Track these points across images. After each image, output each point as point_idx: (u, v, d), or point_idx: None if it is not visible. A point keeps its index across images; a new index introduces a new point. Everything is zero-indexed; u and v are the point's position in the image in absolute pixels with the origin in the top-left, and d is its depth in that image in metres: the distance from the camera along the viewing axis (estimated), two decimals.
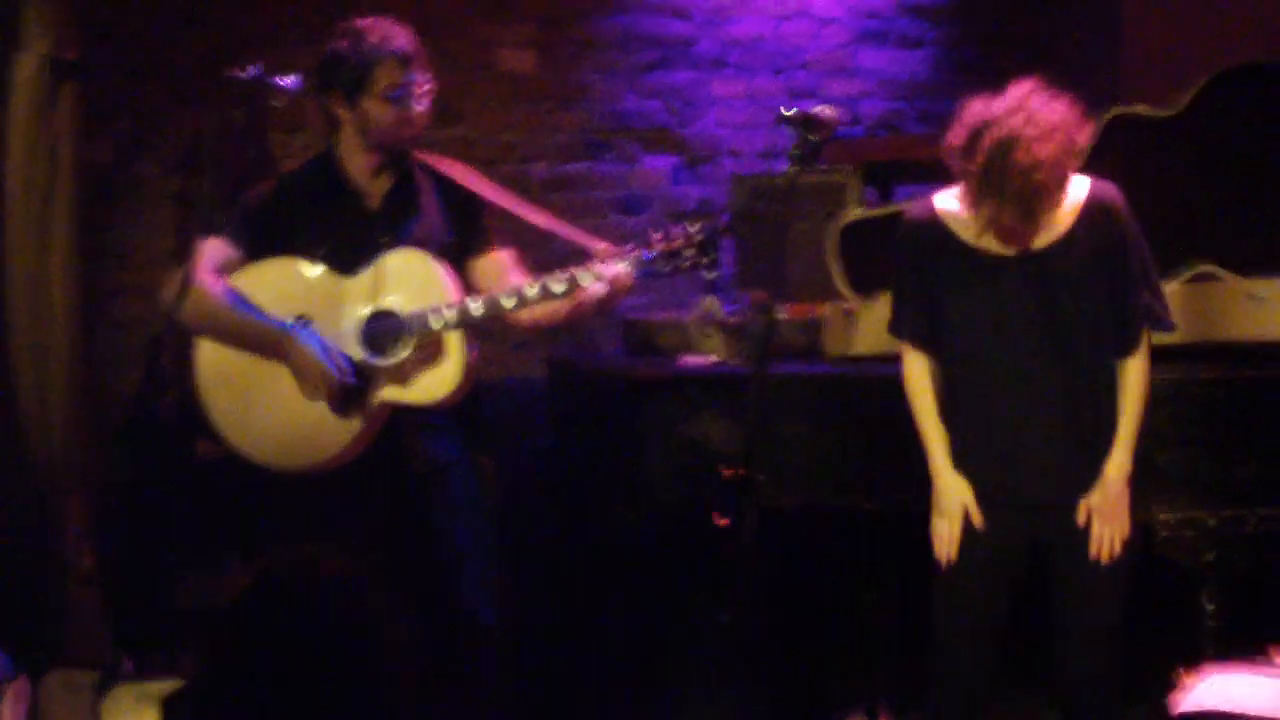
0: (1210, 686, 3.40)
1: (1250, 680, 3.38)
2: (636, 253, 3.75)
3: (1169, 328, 3.65)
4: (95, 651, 4.47)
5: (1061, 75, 6.25)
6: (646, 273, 3.76)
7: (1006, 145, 3.33)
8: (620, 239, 3.92)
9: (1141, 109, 4.50)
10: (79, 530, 4.63)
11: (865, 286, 4.59)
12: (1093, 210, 3.53)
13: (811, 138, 3.40)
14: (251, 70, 3.58)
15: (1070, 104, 3.45)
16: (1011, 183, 3.33)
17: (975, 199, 3.42)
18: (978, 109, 3.42)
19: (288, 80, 3.66)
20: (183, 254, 3.76)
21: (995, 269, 3.53)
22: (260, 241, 3.91)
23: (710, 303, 4.76)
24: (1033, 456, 3.55)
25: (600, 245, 3.82)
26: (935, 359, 3.65)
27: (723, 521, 3.21)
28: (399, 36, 3.85)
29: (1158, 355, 4.21)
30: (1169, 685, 3.48)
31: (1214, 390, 4.02)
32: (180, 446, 4.79)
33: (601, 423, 4.66)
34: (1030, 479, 3.56)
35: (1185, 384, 4.01)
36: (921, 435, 3.67)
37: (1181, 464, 3.99)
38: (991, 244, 3.54)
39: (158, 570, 4.76)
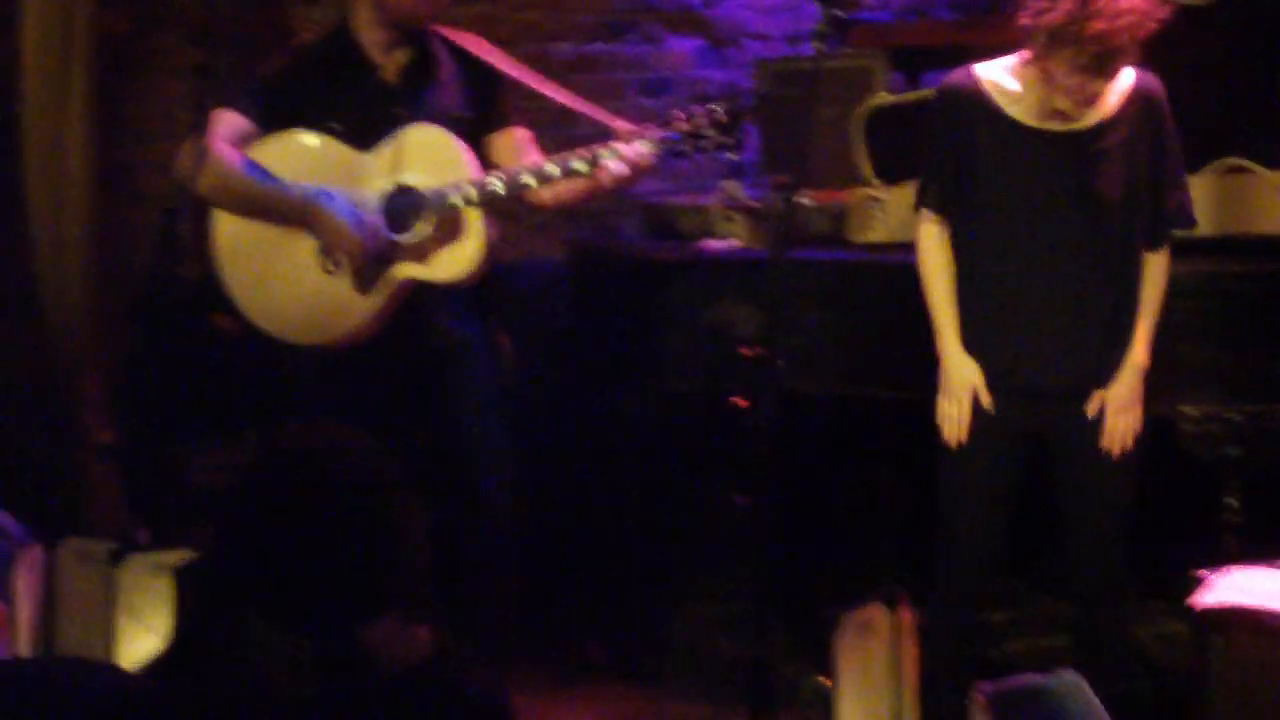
0: (1233, 582, 3.38)
1: (1274, 576, 3.36)
2: (659, 132, 3.70)
3: (1193, 224, 3.65)
4: (111, 523, 4.50)
5: None
6: (669, 152, 3.71)
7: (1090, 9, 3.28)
8: (642, 121, 3.86)
9: None
10: (95, 403, 4.63)
11: (891, 173, 4.54)
12: (1137, 99, 3.50)
13: (837, 12, 3.33)
14: None
15: None
16: (1092, 32, 3.27)
17: (1045, 53, 3.35)
18: None
19: None
20: (199, 127, 3.70)
21: (1034, 143, 3.49)
22: (275, 114, 3.86)
23: (732, 187, 4.71)
24: (1047, 343, 3.53)
25: (623, 124, 3.76)
26: (955, 235, 3.60)
27: (742, 403, 3.18)
28: None
29: (1187, 247, 4.17)
30: (1191, 581, 3.46)
31: (1243, 284, 3.97)
32: (197, 321, 4.78)
33: (621, 306, 4.63)
34: (1043, 365, 3.54)
35: (1214, 276, 3.96)
36: (932, 313, 3.64)
37: (1208, 358, 3.95)
38: (1033, 117, 3.49)
39: (173, 444, 4.76)
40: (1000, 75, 3.54)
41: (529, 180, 3.74)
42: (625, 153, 3.69)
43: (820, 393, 4.34)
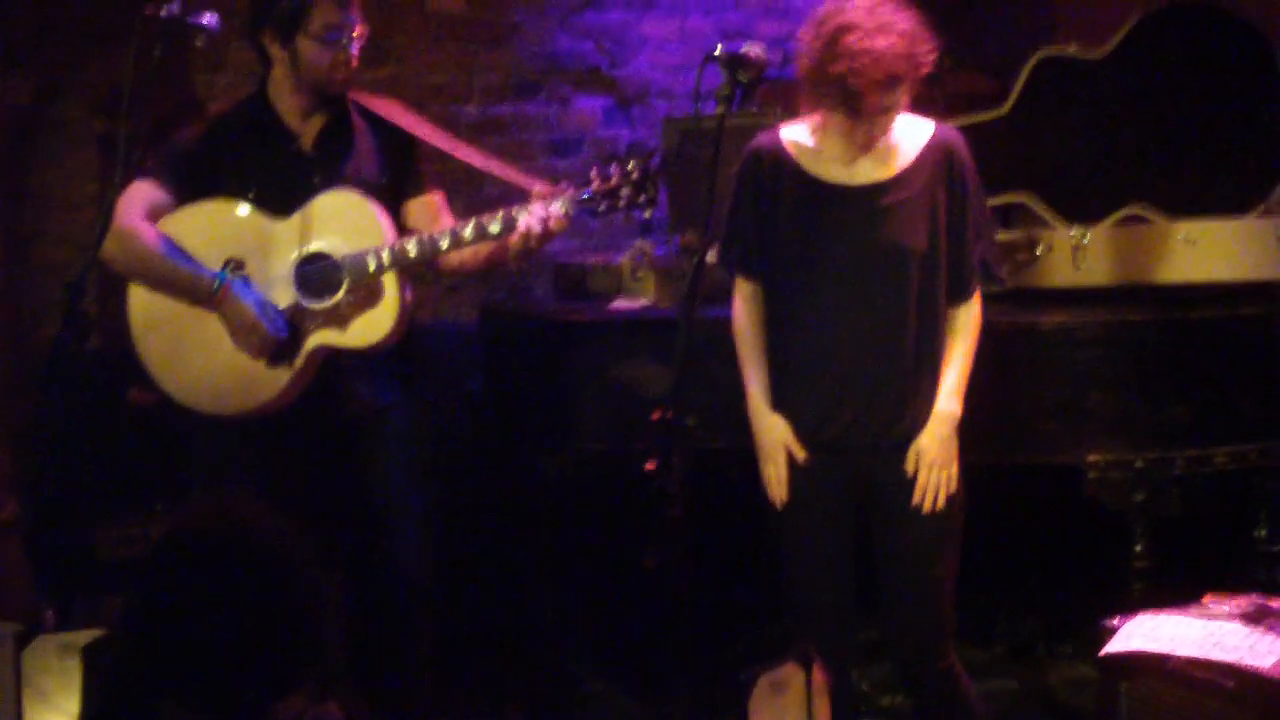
0: (1138, 628, 3.41)
1: (1179, 622, 3.39)
2: (573, 192, 3.71)
3: (1001, 282, 3.63)
4: (17, 603, 4.41)
5: (996, 16, 6.27)
6: (583, 212, 3.71)
7: (842, 30, 3.32)
8: (552, 181, 3.87)
9: (1071, 50, 4.51)
10: (1, 479, 4.56)
11: None
12: (935, 151, 3.50)
13: (740, 78, 3.36)
14: (171, 8, 3.50)
15: (920, 19, 3.41)
16: (834, 72, 3.32)
17: (808, 99, 3.41)
18: (828, 8, 3.40)
19: (208, 19, 3.59)
20: (106, 197, 3.68)
21: (831, 198, 3.49)
22: (190, 184, 3.84)
23: (642, 245, 4.73)
24: (851, 398, 3.49)
25: (536, 185, 3.77)
26: (763, 294, 3.60)
27: (650, 465, 3.18)
28: None
29: (1090, 297, 4.24)
30: (1097, 630, 3.48)
31: (1144, 332, 4.03)
32: (104, 394, 4.73)
33: (533, 367, 4.63)
34: (849, 420, 3.50)
35: (1115, 326, 4.02)
36: (742, 373, 3.62)
37: (1111, 406, 3.99)
38: (830, 172, 3.50)
39: (81, 520, 4.70)
40: (802, 134, 3.56)
41: (444, 243, 3.74)
42: (539, 214, 3.69)
43: (732, 449, 4.35)
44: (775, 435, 3.56)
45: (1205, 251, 4.25)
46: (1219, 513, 4.39)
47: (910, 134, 3.51)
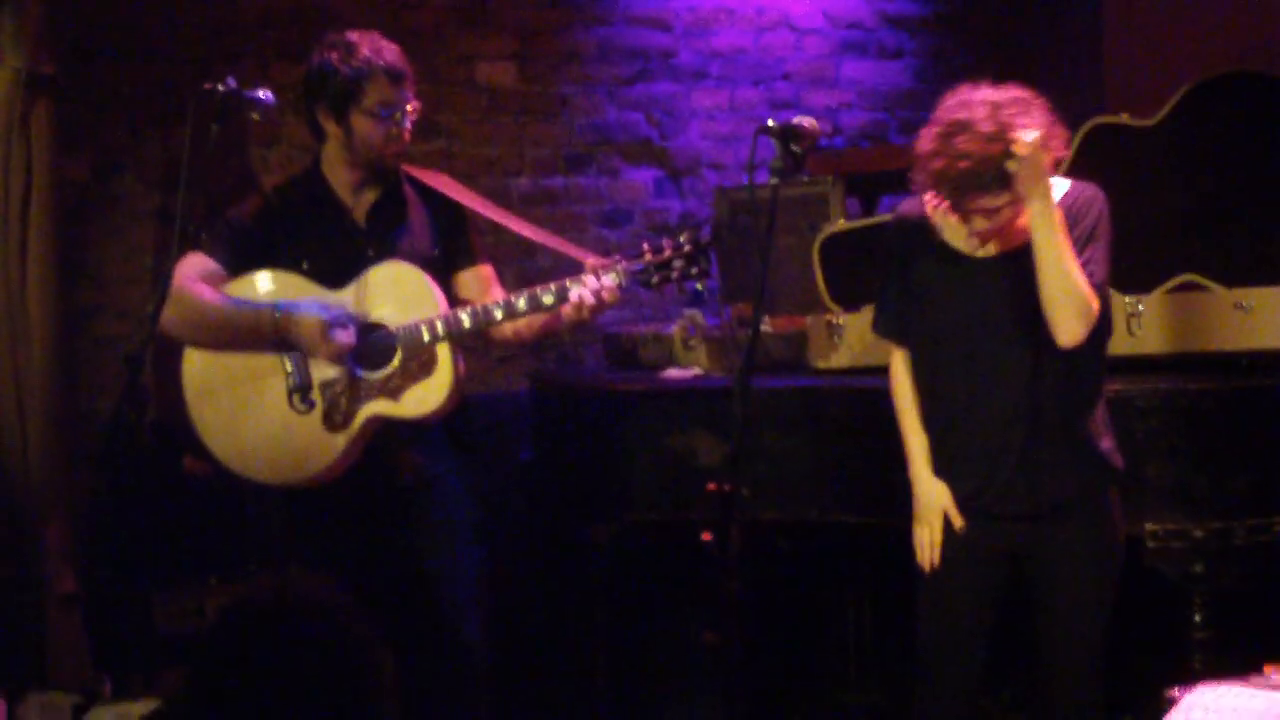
0: (1199, 699, 3.37)
1: (1240, 693, 3.34)
2: (625, 264, 3.73)
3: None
4: (75, 674, 4.43)
5: (1044, 84, 6.26)
6: (635, 284, 3.73)
7: (957, 127, 3.32)
8: (603, 253, 3.90)
9: (1122, 118, 4.50)
10: (58, 553, 4.59)
11: (849, 298, 4.58)
12: (1074, 207, 3.50)
13: (793, 149, 3.37)
14: (227, 84, 3.55)
15: (1049, 117, 3.41)
16: (934, 169, 3.33)
17: (922, 187, 3.42)
18: (959, 98, 3.40)
19: (263, 94, 3.63)
20: (162, 271, 3.71)
21: (969, 269, 3.51)
22: (244, 256, 3.87)
23: (693, 315, 4.74)
24: (1004, 466, 3.50)
25: (589, 257, 3.79)
26: (916, 360, 3.63)
27: (706, 536, 3.17)
28: (390, 52, 3.81)
29: (1145, 366, 4.21)
30: (1158, 700, 3.45)
31: (1201, 401, 4.00)
32: (161, 466, 4.75)
33: (584, 437, 4.64)
34: (1003, 488, 3.51)
35: (1172, 395, 3.99)
36: (902, 438, 3.64)
37: (1169, 475, 3.96)
38: (966, 243, 3.51)
39: (138, 591, 4.72)
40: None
41: (498, 314, 3.76)
42: (592, 285, 3.71)
43: (787, 520, 4.34)
44: (934, 499, 3.58)
45: (1260, 318, 4.22)
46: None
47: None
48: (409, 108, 3.83)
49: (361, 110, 3.79)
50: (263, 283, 3.85)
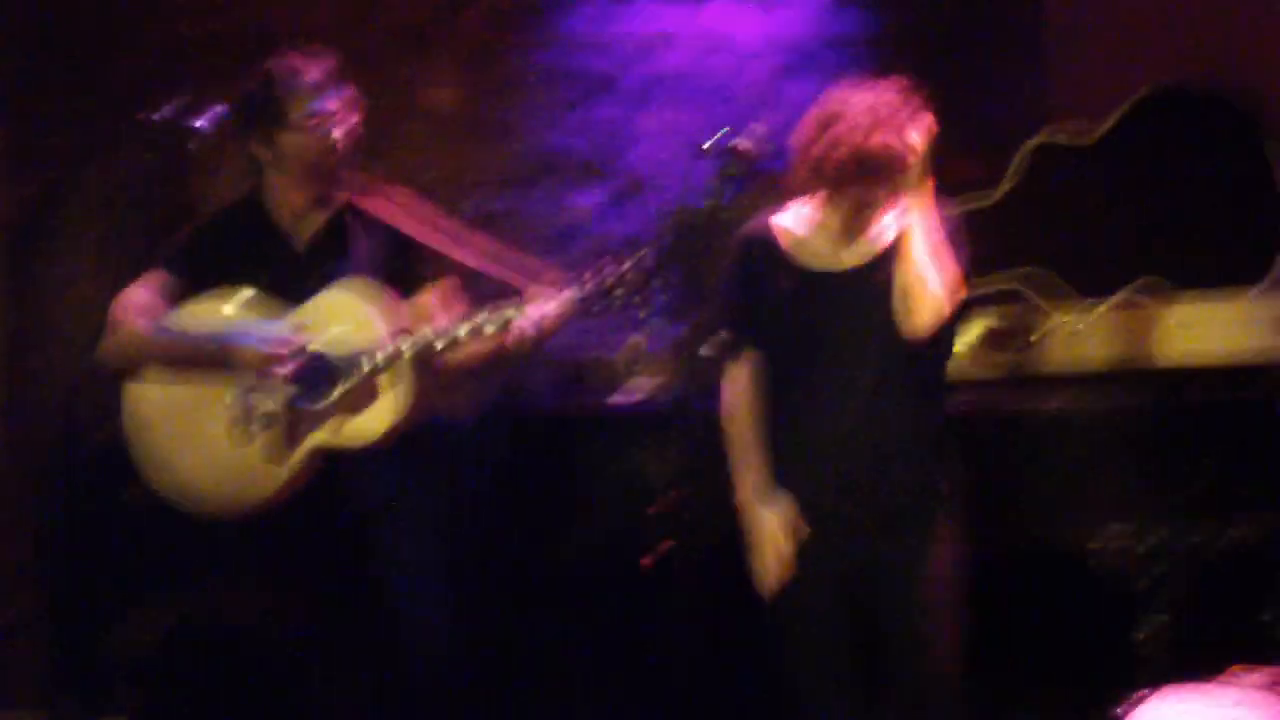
0: (1155, 707, 3.39)
1: (1192, 705, 3.37)
2: (569, 291, 3.71)
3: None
4: (36, 695, 4.41)
5: (986, 100, 6.30)
6: (581, 311, 3.72)
7: (833, 119, 3.37)
8: (548, 279, 3.88)
9: (1063, 136, 4.54)
10: (4, 580, 4.55)
11: None
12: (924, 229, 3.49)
13: (731, 171, 3.38)
14: (165, 113, 3.54)
15: (924, 115, 3.46)
16: (818, 153, 3.36)
17: (797, 181, 3.45)
18: (832, 94, 3.46)
19: (201, 122, 3.62)
20: (104, 300, 3.69)
21: (818, 285, 3.52)
22: (185, 284, 3.86)
23: (637, 340, 4.74)
24: (849, 476, 3.49)
25: (531, 285, 3.78)
26: (757, 381, 3.61)
27: (647, 561, 3.18)
28: (307, 67, 3.83)
29: (1089, 380, 4.24)
30: (1112, 708, 3.46)
31: (1144, 415, 4.03)
32: (108, 491, 4.72)
33: (532, 463, 4.63)
34: (849, 500, 3.49)
35: (1115, 409, 4.02)
36: (732, 462, 3.60)
37: (1113, 489, 3.99)
38: (817, 259, 3.53)
39: (95, 613, 4.69)
40: (791, 220, 3.60)
41: (439, 344, 3.75)
42: (534, 314, 3.70)
43: (733, 536, 4.34)
44: (762, 526, 3.54)
45: (1200, 334, 4.26)
46: (1229, 593, 4.36)
47: (893, 213, 3.51)
48: (336, 115, 3.81)
49: (288, 127, 3.78)
50: (204, 313, 3.83)
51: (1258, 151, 4.37)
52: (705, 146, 3.41)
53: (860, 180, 3.37)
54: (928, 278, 3.39)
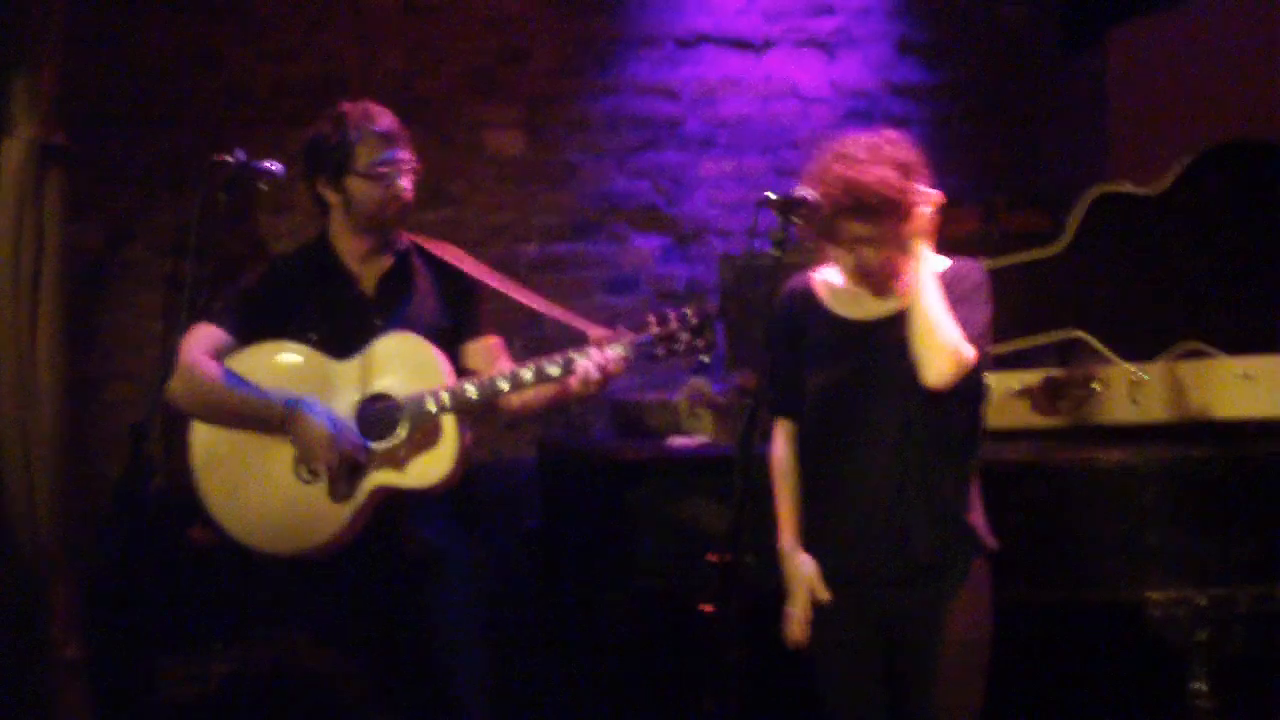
0: None
1: None
2: (631, 337, 3.72)
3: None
4: None
5: (1048, 151, 6.30)
6: (642, 356, 3.74)
7: (834, 158, 3.43)
8: (609, 319, 3.90)
9: (1126, 187, 4.53)
10: (65, 618, 4.60)
11: None
12: (949, 279, 3.52)
13: (794, 220, 3.39)
14: (237, 155, 3.59)
15: (920, 161, 3.48)
16: (820, 190, 3.38)
17: (819, 233, 3.47)
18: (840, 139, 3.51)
19: (272, 165, 3.67)
20: (171, 338, 3.75)
21: (846, 336, 3.56)
22: (253, 326, 3.90)
23: (699, 383, 4.75)
24: (873, 531, 3.50)
25: (596, 330, 3.80)
26: (797, 430, 3.66)
27: (708, 608, 3.17)
28: (378, 115, 3.87)
29: (1149, 433, 4.22)
30: None
31: (1204, 469, 4.00)
32: (167, 533, 4.77)
33: (591, 504, 4.64)
34: (874, 553, 3.50)
35: (1175, 462, 4.00)
36: (776, 510, 3.67)
37: (1173, 543, 3.97)
38: (847, 310, 3.57)
39: (143, 657, 4.73)
40: (831, 274, 3.63)
41: (504, 386, 3.77)
42: (597, 359, 3.72)
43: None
44: (799, 573, 3.59)
45: (1265, 387, 4.23)
46: None
47: (928, 269, 3.52)
48: (405, 164, 3.87)
49: (356, 173, 3.83)
50: (271, 354, 3.87)
51: None
52: (768, 196, 3.41)
53: (853, 215, 3.40)
54: (939, 330, 3.41)
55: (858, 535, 3.52)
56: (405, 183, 3.87)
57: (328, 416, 3.75)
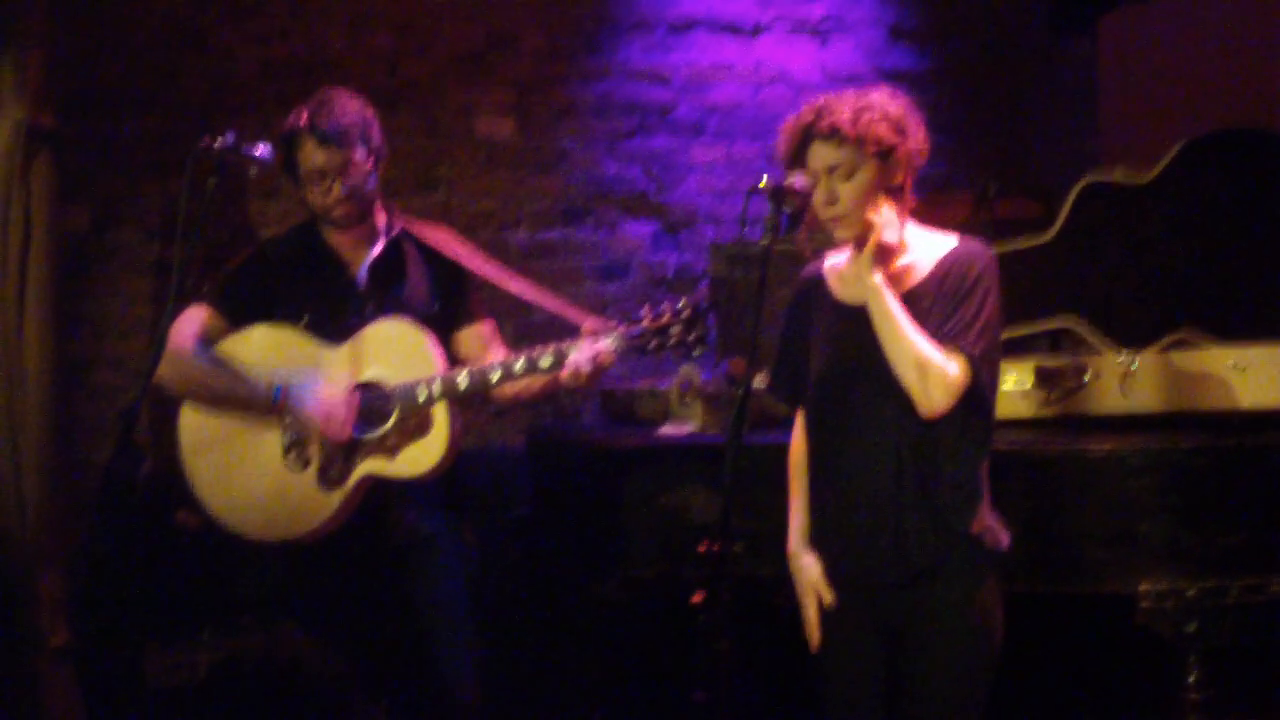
0: None
1: None
2: (623, 329, 3.69)
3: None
4: None
5: (1039, 140, 6.30)
6: (634, 349, 3.70)
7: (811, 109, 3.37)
8: (599, 306, 3.90)
9: (1116, 176, 4.52)
10: (52, 604, 4.58)
11: None
12: (951, 264, 3.38)
13: (785, 208, 3.36)
14: (225, 140, 3.57)
15: (908, 109, 3.46)
16: (790, 123, 3.36)
17: (792, 164, 3.41)
18: None
19: (261, 149, 3.64)
20: (160, 323, 3.73)
21: (849, 322, 3.40)
22: (243, 310, 3.89)
23: (688, 371, 4.74)
24: (872, 524, 3.37)
25: (587, 320, 3.77)
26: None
27: (697, 598, 3.15)
28: (328, 115, 3.81)
29: (1139, 424, 4.21)
30: None
31: (1194, 459, 4.00)
32: (156, 518, 4.75)
33: (581, 493, 4.63)
34: (875, 553, 3.38)
35: (1165, 453, 3.99)
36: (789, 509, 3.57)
37: (1162, 534, 3.96)
38: (849, 294, 3.42)
39: (131, 644, 4.71)
40: (840, 259, 3.51)
41: (494, 376, 3.75)
42: (589, 351, 3.69)
43: (783, 576, 4.32)
44: (803, 577, 3.50)
45: (1254, 377, 4.23)
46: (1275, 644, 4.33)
47: (928, 251, 3.41)
48: (334, 171, 3.80)
49: (297, 175, 3.83)
50: (261, 339, 3.86)
51: None
52: (760, 185, 3.38)
53: (824, 138, 3.33)
54: (910, 358, 3.26)
55: (856, 537, 3.41)
56: (339, 191, 3.82)
57: (317, 402, 3.74)
